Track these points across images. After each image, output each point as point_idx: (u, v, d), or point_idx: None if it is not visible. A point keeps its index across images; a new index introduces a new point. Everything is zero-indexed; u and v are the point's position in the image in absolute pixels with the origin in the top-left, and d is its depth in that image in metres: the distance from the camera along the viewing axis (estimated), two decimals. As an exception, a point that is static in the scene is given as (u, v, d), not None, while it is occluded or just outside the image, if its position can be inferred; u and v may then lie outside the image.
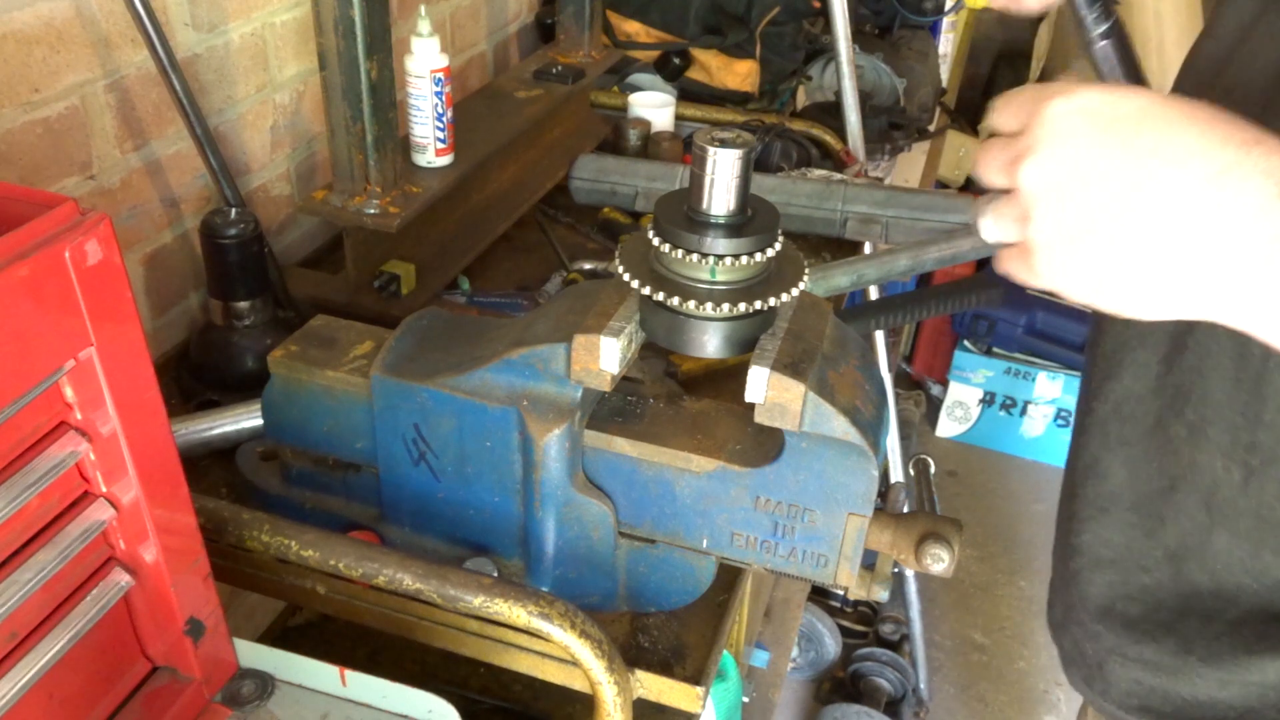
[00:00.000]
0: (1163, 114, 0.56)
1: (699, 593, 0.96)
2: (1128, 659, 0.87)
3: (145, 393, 0.65)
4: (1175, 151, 0.54)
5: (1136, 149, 0.55)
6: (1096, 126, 0.56)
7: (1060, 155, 0.57)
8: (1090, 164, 0.56)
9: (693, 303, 0.76)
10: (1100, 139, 0.56)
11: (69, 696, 0.70)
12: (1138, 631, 0.85)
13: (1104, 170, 0.56)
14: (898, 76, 2.29)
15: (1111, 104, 0.57)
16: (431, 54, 1.37)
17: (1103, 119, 0.56)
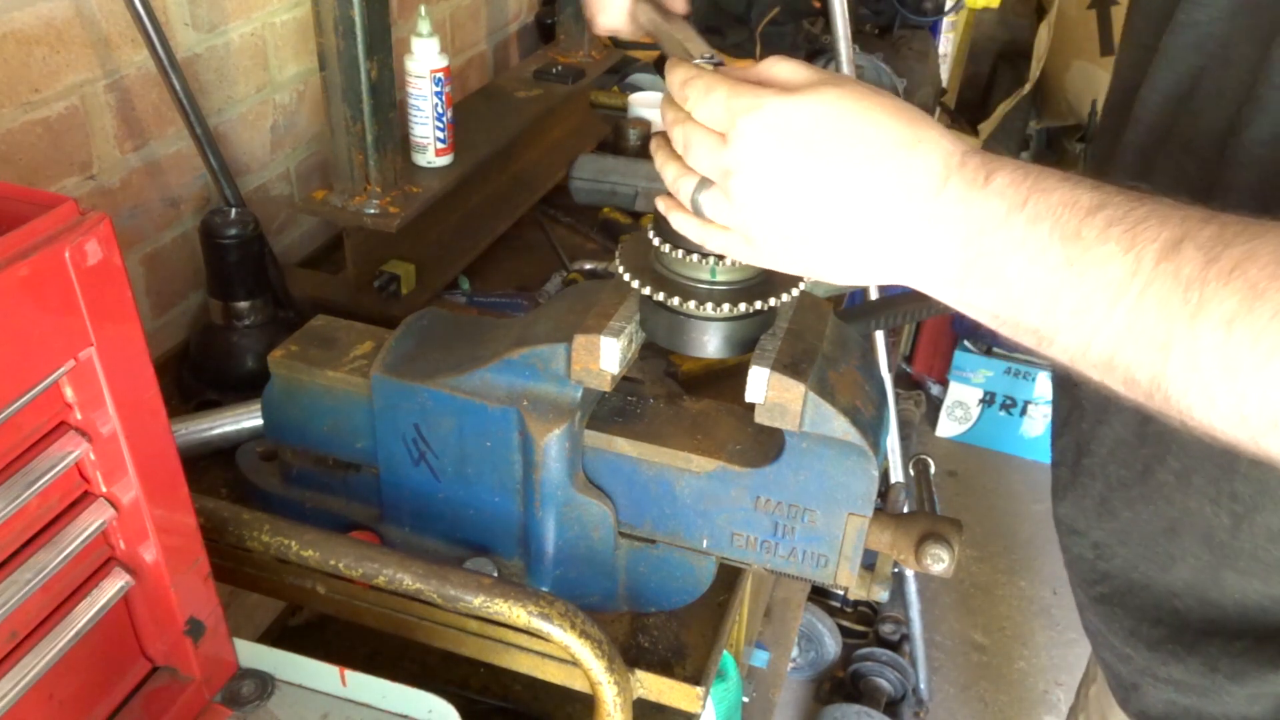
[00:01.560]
0: (836, 123, 0.61)
1: (699, 593, 0.96)
2: (1159, 680, 0.87)
3: (145, 393, 0.65)
4: (849, 165, 0.60)
5: (821, 165, 0.61)
6: (792, 144, 0.61)
7: (764, 174, 0.62)
8: (788, 179, 0.62)
9: (693, 303, 0.76)
10: (792, 156, 0.61)
11: (69, 696, 0.70)
12: (1164, 653, 0.85)
13: (800, 184, 0.62)
14: (898, 76, 2.29)
15: (796, 117, 0.62)
16: (431, 54, 1.37)
17: (794, 134, 0.61)
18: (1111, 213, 0.54)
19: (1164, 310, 0.51)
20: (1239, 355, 0.50)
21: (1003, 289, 0.58)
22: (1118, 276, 0.53)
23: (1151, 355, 0.53)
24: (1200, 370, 0.51)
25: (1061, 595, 2.64)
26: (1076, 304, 0.54)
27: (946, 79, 3.23)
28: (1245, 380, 0.50)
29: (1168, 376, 0.53)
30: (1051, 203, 0.55)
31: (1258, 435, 0.51)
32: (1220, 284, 0.50)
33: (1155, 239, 0.52)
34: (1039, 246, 0.55)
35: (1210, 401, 0.52)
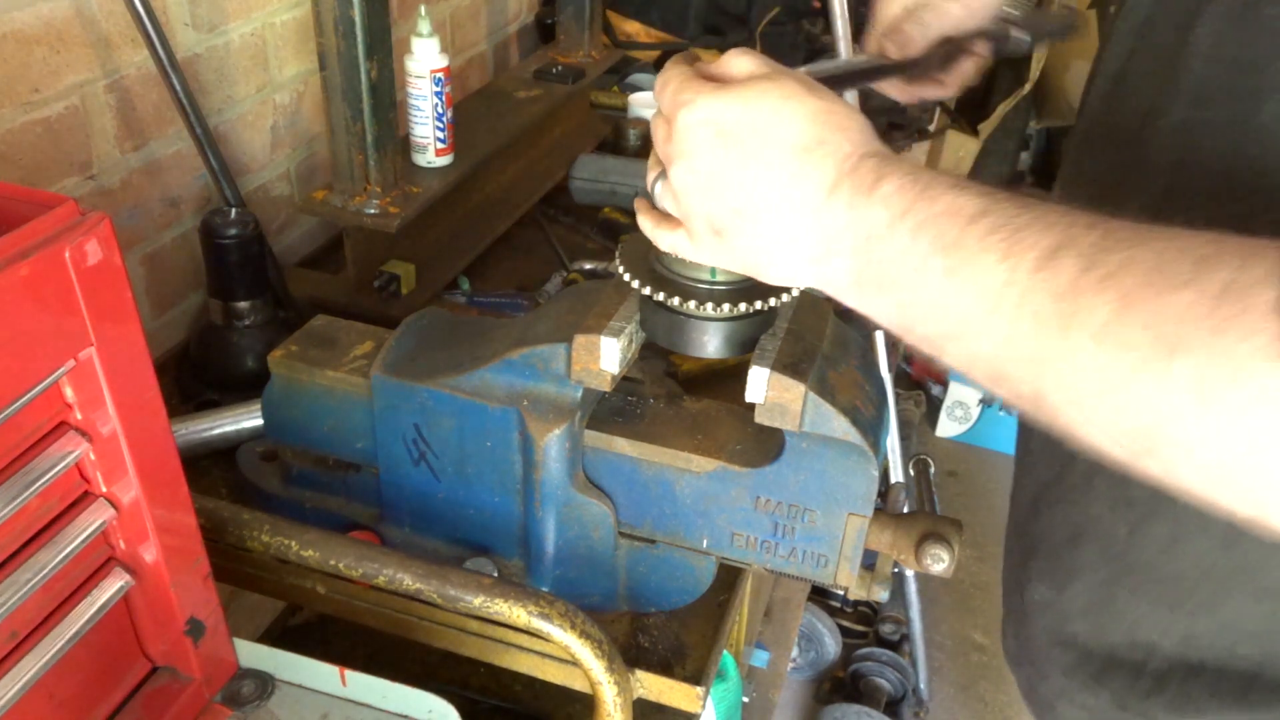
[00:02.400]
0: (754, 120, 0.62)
1: (699, 593, 0.96)
2: (1074, 704, 0.86)
3: (145, 393, 0.65)
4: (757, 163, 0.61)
5: (735, 160, 0.62)
6: (715, 139, 0.63)
7: (694, 166, 0.64)
8: (712, 173, 0.63)
9: (693, 303, 0.76)
10: (716, 152, 0.63)
11: (69, 696, 0.70)
12: (1076, 681, 0.85)
13: (721, 179, 0.63)
14: (898, 76, 2.29)
15: (722, 113, 0.63)
16: (431, 54, 1.37)
17: (718, 129, 0.63)
18: (994, 220, 0.53)
19: (1038, 322, 0.50)
20: (1110, 369, 0.47)
21: (894, 296, 0.57)
22: (994, 286, 0.51)
23: (1029, 369, 0.51)
24: (1073, 386, 0.49)
25: (1061, 595, 2.64)
26: (958, 314, 0.53)
27: (946, 79, 3.23)
28: (1117, 396, 0.47)
29: (1045, 391, 0.51)
30: (935, 211, 0.55)
31: (1135, 456, 0.49)
32: (1093, 294, 0.48)
33: (1034, 247, 0.51)
34: (922, 255, 0.55)
35: (1087, 419, 0.50)
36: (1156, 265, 0.47)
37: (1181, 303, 0.45)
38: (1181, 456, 0.46)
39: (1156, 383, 0.45)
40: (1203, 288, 0.45)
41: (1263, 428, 0.43)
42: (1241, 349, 0.43)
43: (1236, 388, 0.43)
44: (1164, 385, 0.45)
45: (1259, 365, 0.43)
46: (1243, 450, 0.44)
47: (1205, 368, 0.44)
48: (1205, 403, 0.44)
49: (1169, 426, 0.46)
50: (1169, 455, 0.47)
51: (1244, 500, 0.46)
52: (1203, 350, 0.44)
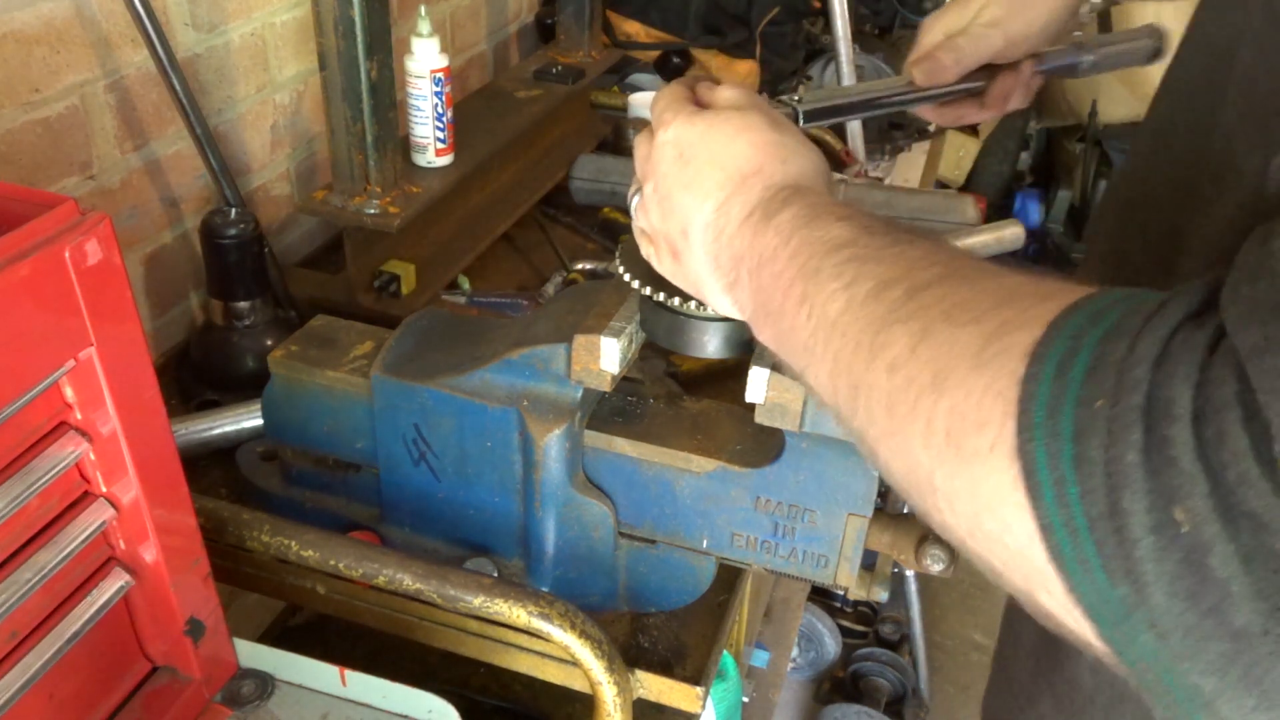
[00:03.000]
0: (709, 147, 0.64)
1: (699, 593, 0.96)
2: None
3: (145, 393, 0.65)
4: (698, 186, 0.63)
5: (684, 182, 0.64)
6: (675, 161, 0.65)
7: (657, 185, 0.66)
8: (668, 194, 0.65)
9: (693, 303, 0.76)
10: (675, 173, 0.65)
11: (69, 696, 0.70)
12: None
13: (673, 200, 0.65)
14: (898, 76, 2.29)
15: (686, 136, 0.65)
16: (431, 54, 1.37)
17: (679, 152, 0.65)
18: (854, 251, 0.52)
19: (856, 350, 0.49)
20: (897, 404, 0.45)
21: (773, 324, 0.58)
22: (833, 315, 0.51)
23: (850, 400, 0.49)
24: (874, 419, 0.48)
25: (1061, 595, 2.64)
26: (806, 341, 0.53)
27: (946, 79, 3.23)
28: (899, 435, 0.45)
29: (861, 424, 0.49)
30: (812, 238, 0.55)
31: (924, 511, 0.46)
32: (901, 325, 0.46)
33: (872, 277, 0.50)
34: (788, 281, 0.55)
35: (886, 457, 0.48)
36: (964, 301, 0.45)
37: (963, 338, 0.43)
38: (946, 508, 0.44)
39: (926, 422, 0.43)
40: (985, 324, 0.43)
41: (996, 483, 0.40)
42: (991, 390, 0.41)
43: (979, 432, 0.41)
44: (930, 425, 0.43)
45: (993, 406, 0.40)
46: (986, 505, 0.41)
47: (958, 409, 0.42)
48: (955, 447, 0.42)
49: (934, 472, 0.44)
50: (940, 504, 0.44)
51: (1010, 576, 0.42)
52: (961, 389, 0.42)
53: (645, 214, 0.69)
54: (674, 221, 0.65)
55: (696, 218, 0.63)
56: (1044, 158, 4.00)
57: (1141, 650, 0.37)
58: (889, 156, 2.12)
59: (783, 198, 0.60)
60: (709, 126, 0.64)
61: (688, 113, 0.65)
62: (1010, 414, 0.40)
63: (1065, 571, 0.38)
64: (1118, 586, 0.37)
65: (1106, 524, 0.36)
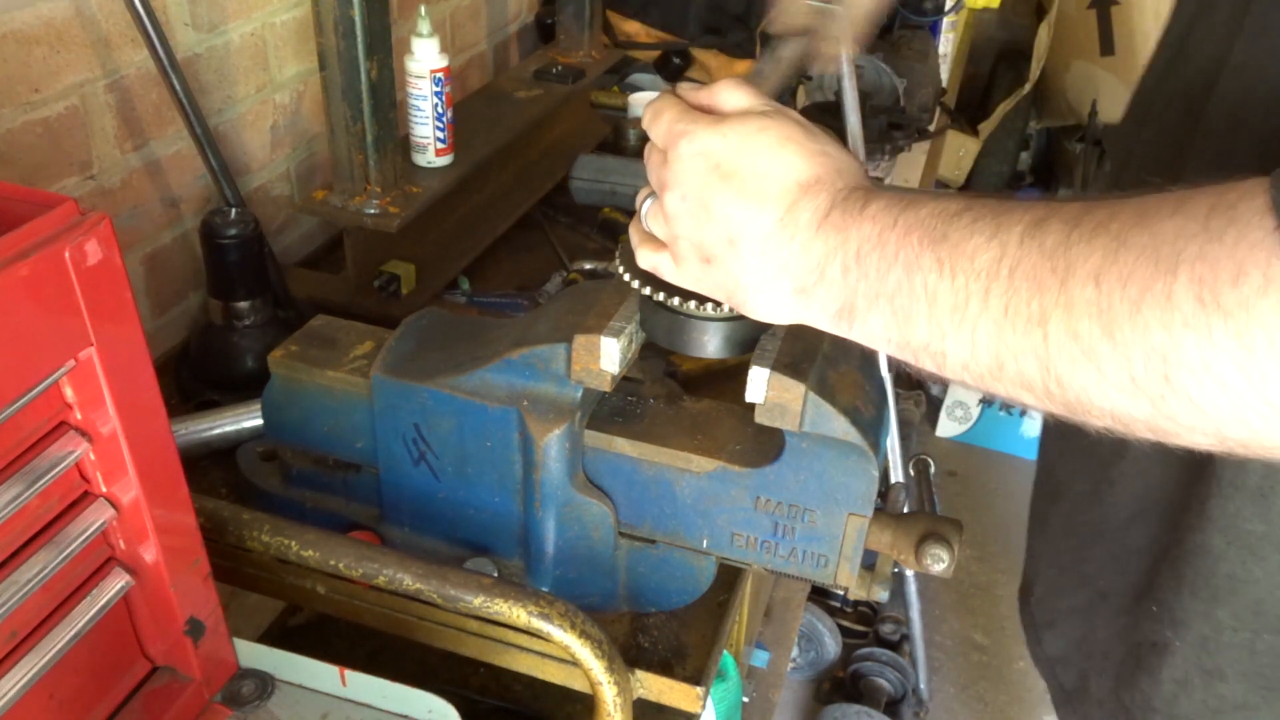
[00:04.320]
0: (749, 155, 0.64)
1: (699, 593, 0.96)
2: None
3: (145, 393, 0.65)
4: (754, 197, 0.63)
5: (732, 193, 0.64)
6: (711, 172, 0.64)
7: (687, 194, 0.66)
8: (706, 204, 0.65)
9: (693, 303, 0.76)
10: (712, 184, 0.64)
11: (69, 696, 0.70)
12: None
13: (715, 210, 0.64)
14: (898, 76, 2.29)
15: (719, 147, 0.65)
16: (431, 54, 1.37)
17: (714, 162, 0.65)
18: (977, 212, 0.54)
19: (1034, 283, 0.50)
20: (1113, 307, 0.47)
21: (887, 307, 0.58)
22: (986, 264, 0.52)
23: (1033, 338, 0.51)
24: (1080, 337, 0.49)
25: (1061, 595, 2.64)
26: (954, 302, 0.54)
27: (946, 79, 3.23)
28: (1124, 333, 0.47)
29: (1052, 357, 0.50)
30: (921, 215, 0.56)
31: (1155, 401, 0.48)
32: (1085, 244, 0.48)
33: (1019, 222, 0.52)
34: (911, 256, 0.55)
35: (1099, 373, 0.49)
36: (1140, 210, 0.48)
37: (1173, 228, 0.46)
38: (1198, 382, 0.46)
39: (1162, 304, 0.45)
40: (1190, 213, 0.46)
41: (1274, 321, 0.43)
42: (1240, 246, 0.43)
43: (1240, 284, 0.43)
44: (1170, 303, 0.45)
45: (1259, 256, 0.43)
46: (1262, 347, 0.43)
47: (1207, 274, 0.44)
48: (1212, 309, 0.44)
49: (1182, 348, 0.45)
50: (1187, 383, 0.46)
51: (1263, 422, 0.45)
52: (1201, 259, 0.44)
53: (666, 222, 0.68)
54: (714, 230, 0.65)
55: (751, 228, 0.63)
56: (1044, 158, 4.00)
57: None
58: (889, 156, 2.12)
59: (861, 196, 0.60)
60: (742, 137, 0.64)
61: (708, 121, 0.65)
62: (1277, 253, 0.42)
63: None
64: None
65: None
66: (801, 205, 0.62)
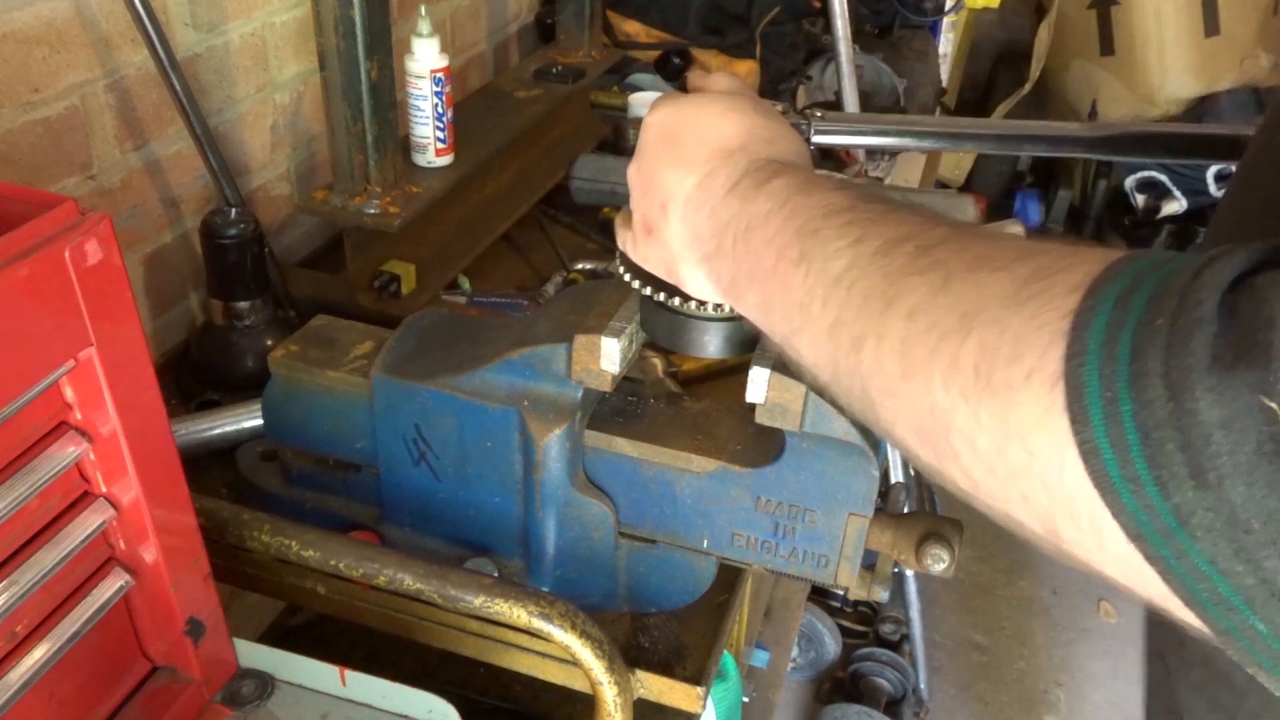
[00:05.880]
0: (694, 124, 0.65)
1: (699, 593, 0.96)
2: None
3: (145, 393, 0.65)
4: (684, 161, 0.64)
5: (671, 157, 0.64)
6: (660, 140, 0.66)
7: (642, 165, 0.67)
8: (652, 172, 0.66)
9: (693, 303, 0.76)
10: (658, 151, 0.66)
11: (69, 696, 0.70)
12: None
13: (656, 177, 0.65)
14: (898, 76, 2.29)
15: (673, 116, 0.66)
16: (431, 54, 1.37)
17: (665, 131, 0.66)
18: (856, 215, 0.53)
19: (865, 302, 0.49)
20: (913, 352, 0.45)
21: (760, 290, 0.58)
22: (836, 271, 0.51)
23: (852, 356, 0.50)
24: (884, 372, 0.47)
25: (1061, 595, 2.64)
26: (801, 300, 0.53)
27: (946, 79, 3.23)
28: (916, 379, 0.45)
29: (866, 381, 0.49)
30: (810, 203, 0.55)
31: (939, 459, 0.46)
32: (919, 276, 0.47)
33: (880, 236, 0.50)
34: (783, 243, 0.55)
35: (896, 411, 0.48)
36: (984, 254, 0.46)
37: (992, 283, 0.44)
38: (965, 448, 0.44)
39: (950, 361, 0.44)
40: (1015, 271, 0.44)
41: (1028, 412, 0.40)
42: (1031, 323, 0.41)
43: (1013, 365, 0.41)
44: (955, 363, 0.43)
45: (1040, 338, 0.40)
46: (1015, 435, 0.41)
47: (990, 343, 0.42)
48: (983, 383, 0.42)
49: (955, 411, 0.43)
50: (958, 447, 0.44)
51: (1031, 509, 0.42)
52: (993, 327, 0.42)
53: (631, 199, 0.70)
54: (654, 198, 0.66)
55: (678, 191, 0.64)
56: (1044, 158, 4.00)
57: (1198, 555, 0.37)
58: (889, 156, 2.12)
59: (772, 169, 0.60)
60: (696, 108, 0.66)
61: (675, 96, 0.67)
62: (1055, 343, 0.40)
63: (1111, 494, 0.38)
64: (1172, 497, 0.36)
65: (1165, 432, 0.36)
66: (720, 170, 0.62)
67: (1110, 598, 2.62)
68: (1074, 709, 2.37)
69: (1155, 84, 3.39)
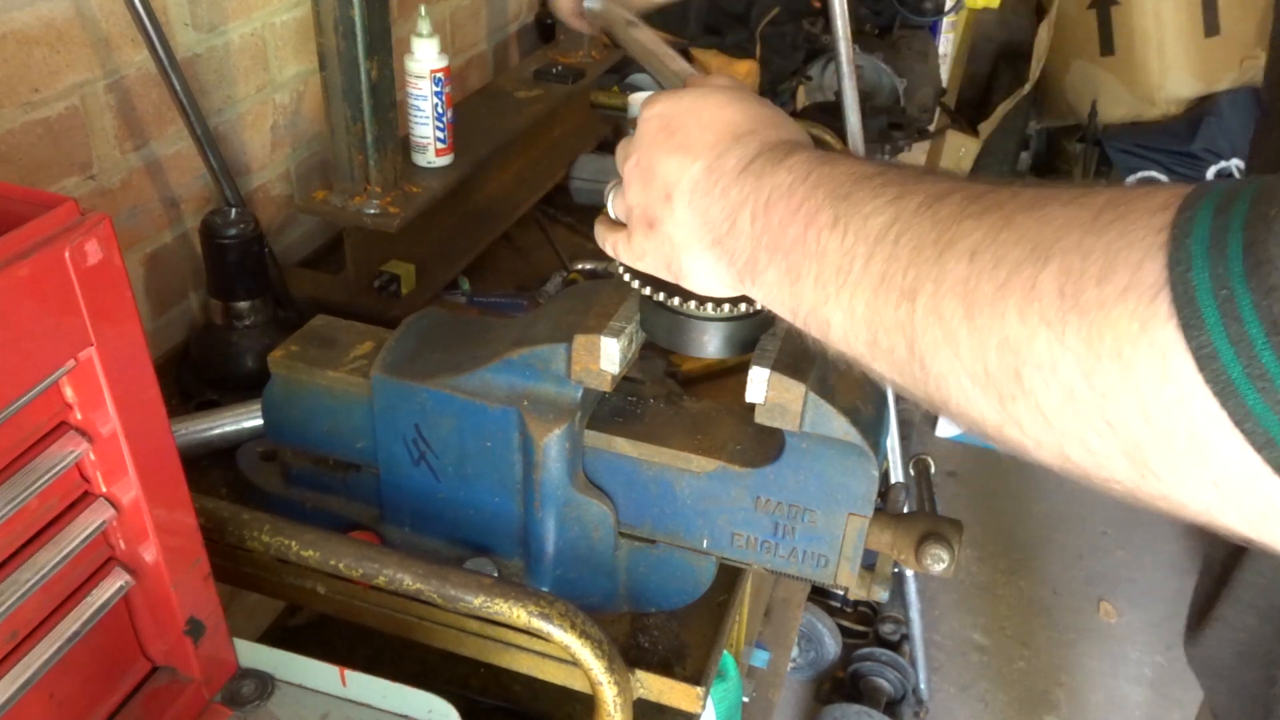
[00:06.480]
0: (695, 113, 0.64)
1: (699, 593, 0.96)
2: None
3: (145, 393, 0.65)
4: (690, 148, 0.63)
5: (672, 145, 0.64)
6: (660, 131, 0.65)
7: (640, 158, 0.66)
8: (651, 164, 0.65)
9: (693, 303, 0.76)
10: (658, 141, 0.65)
11: (69, 696, 0.70)
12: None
13: (656, 167, 0.65)
14: (898, 76, 2.29)
15: (672, 107, 0.65)
16: (431, 54, 1.37)
17: (664, 122, 0.65)
18: (889, 177, 0.52)
19: (915, 252, 0.47)
20: (979, 288, 0.44)
21: (783, 262, 0.56)
22: (877, 227, 0.50)
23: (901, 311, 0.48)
24: (943, 316, 0.45)
25: (1061, 595, 2.64)
26: (839, 263, 0.52)
27: (946, 79, 3.23)
28: (984, 316, 0.43)
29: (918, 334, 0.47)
30: (835, 171, 0.55)
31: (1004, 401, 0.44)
32: (974, 220, 0.45)
33: (921, 192, 0.49)
34: (813, 209, 0.54)
35: (956, 358, 0.45)
36: (1040, 195, 0.45)
37: (1063, 215, 0.43)
38: (1045, 384, 0.42)
39: (1023, 293, 0.42)
40: (1085, 203, 0.43)
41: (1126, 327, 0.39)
42: (1118, 241, 0.40)
43: (1104, 282, 0.39)
44: (1030, 294, 0.42)
45: (1132, 255, 0.39)
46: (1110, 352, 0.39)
47: (1075, 266, 0.41)
48: (1070, 305, 0.40)
49: (1035, 342, 0.42)
50: (1031, 382, 0.42)
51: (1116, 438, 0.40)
52: (1075, 252, 0.41)
53: (623, 197, 0.69)
54: (655, 189, 0.65)
55: (684, 178, 0.63)
56: (1044, 158, 4.00)
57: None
58: (889, 156, 2.12)
59: (788, 147, 0.60)
60: (696, 98, 0.65)
61: (673, 90, 0.67)
62: (1152, 256, 0.38)
63: (1234, 398, 0.36)
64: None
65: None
66: (730, 152, 0.62)
67: (1110, 598, 2.62)
68: (1074, 709, 2.37)
69: (1155, 84, 3.39)
